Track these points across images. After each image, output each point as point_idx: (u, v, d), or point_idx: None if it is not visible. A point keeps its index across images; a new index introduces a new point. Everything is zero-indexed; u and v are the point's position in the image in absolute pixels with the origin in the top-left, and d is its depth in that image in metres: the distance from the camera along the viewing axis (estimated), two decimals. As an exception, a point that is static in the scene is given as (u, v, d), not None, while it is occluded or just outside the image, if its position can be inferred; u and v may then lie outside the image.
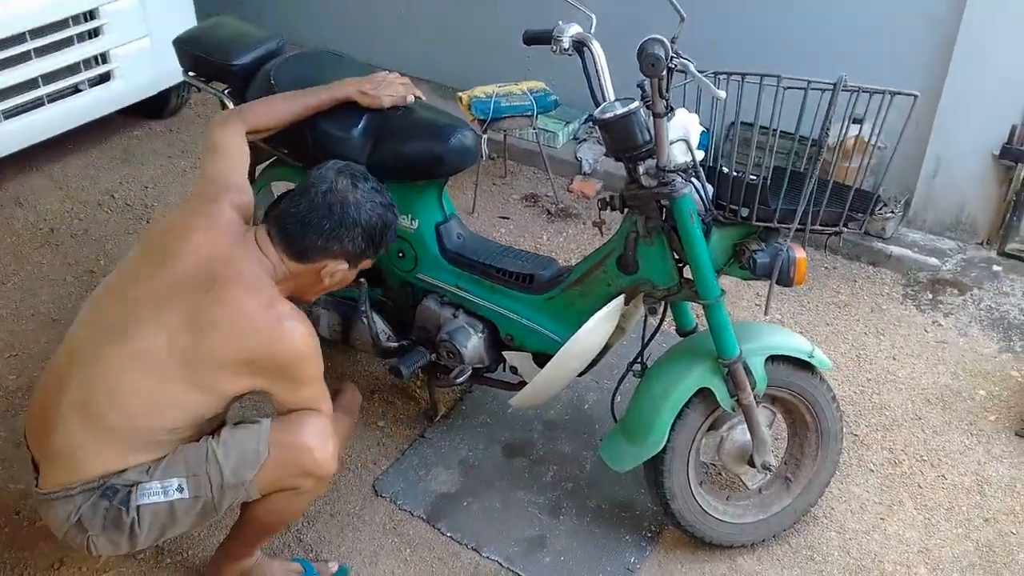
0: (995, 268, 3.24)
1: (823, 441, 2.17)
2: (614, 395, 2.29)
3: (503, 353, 2.32)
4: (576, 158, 3.91)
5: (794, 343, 2.07)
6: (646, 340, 2.20)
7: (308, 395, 1.79)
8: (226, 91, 2.45)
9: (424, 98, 2.29)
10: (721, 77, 1.79)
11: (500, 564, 2.18)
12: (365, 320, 2.33)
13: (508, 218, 3.63)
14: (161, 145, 4.05)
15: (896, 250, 3.28)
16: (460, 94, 3.47)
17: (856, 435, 2.56)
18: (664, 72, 1.69)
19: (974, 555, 2.23)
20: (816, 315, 3.06)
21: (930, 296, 3.14)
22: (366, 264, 1.89)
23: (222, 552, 2.00)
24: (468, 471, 2.45)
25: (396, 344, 2.39)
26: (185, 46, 2.48)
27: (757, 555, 2.21)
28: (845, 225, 1.86)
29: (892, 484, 2.41)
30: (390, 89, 2.19)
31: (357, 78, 2.20)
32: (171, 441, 1.75)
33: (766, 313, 1.93)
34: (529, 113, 3.44)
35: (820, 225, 1.85)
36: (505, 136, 3.78)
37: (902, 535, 2.27)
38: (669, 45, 1.67)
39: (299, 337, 1.71)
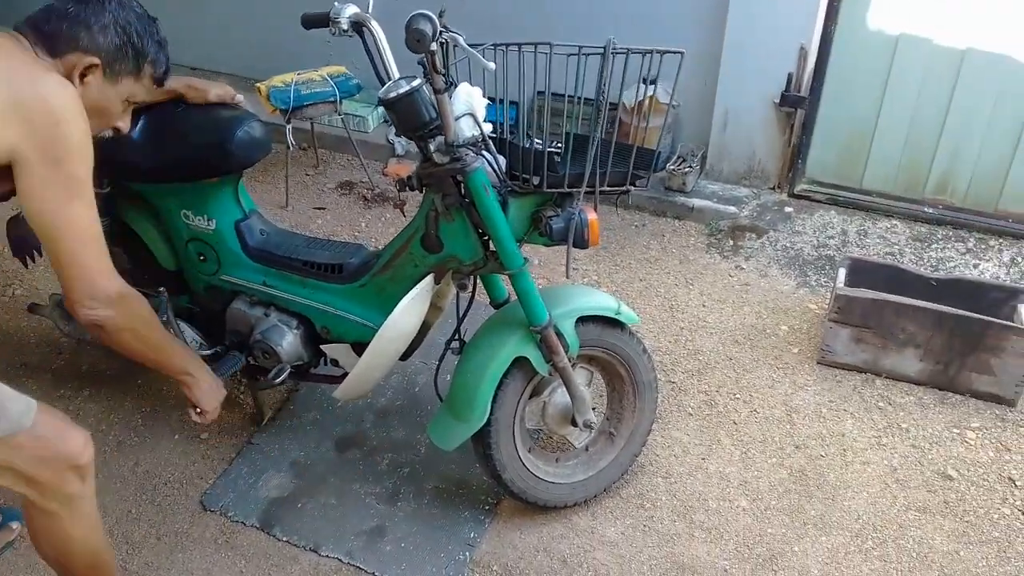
0: (787, 210, 3.45)
1: (639, 393, 2.25)
2: (436, 374, 2.28)
3: (321, 347, 2.28)
4: (388, 141, 3.87)
5: (600, 302, 2.13)
6: (461, 316, 2.21)
7: (72, 188, 1.55)
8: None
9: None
10: (500, 49, 1.81)
11: (340, 560, 2.15)
12: (171, 331, 2.22)
13: (324, 208, 3.56)
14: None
15: (697, 202, 3.44)
16: (258, 85, 3.36)
17: (674, 382, 2.68)
18: (433, 47, 1.68)
19: (789, 481, 2.38)
20: (630, 272, 3.17)
21: (731, 243, 3.31)
22: (133, 90, 1.71)
23: None
24: (301, 471, 2.39)
25: (209, 352, 2.30)
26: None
27: (591, 511, 2.28)
28: (632, 183, 1.93)
29: (710, 425, 2.54)
30: (216, 87, 2.15)
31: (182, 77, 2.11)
32: None
33: (567, 276, 1.98)
34: (332, 99, 3.38)
35: (609, 186, 1.91)
36: (312, 125, 3.68)
37: (723, 472, 2.40)
38: (437, 20, 1.66)
39: (70, 94, 1.54)
